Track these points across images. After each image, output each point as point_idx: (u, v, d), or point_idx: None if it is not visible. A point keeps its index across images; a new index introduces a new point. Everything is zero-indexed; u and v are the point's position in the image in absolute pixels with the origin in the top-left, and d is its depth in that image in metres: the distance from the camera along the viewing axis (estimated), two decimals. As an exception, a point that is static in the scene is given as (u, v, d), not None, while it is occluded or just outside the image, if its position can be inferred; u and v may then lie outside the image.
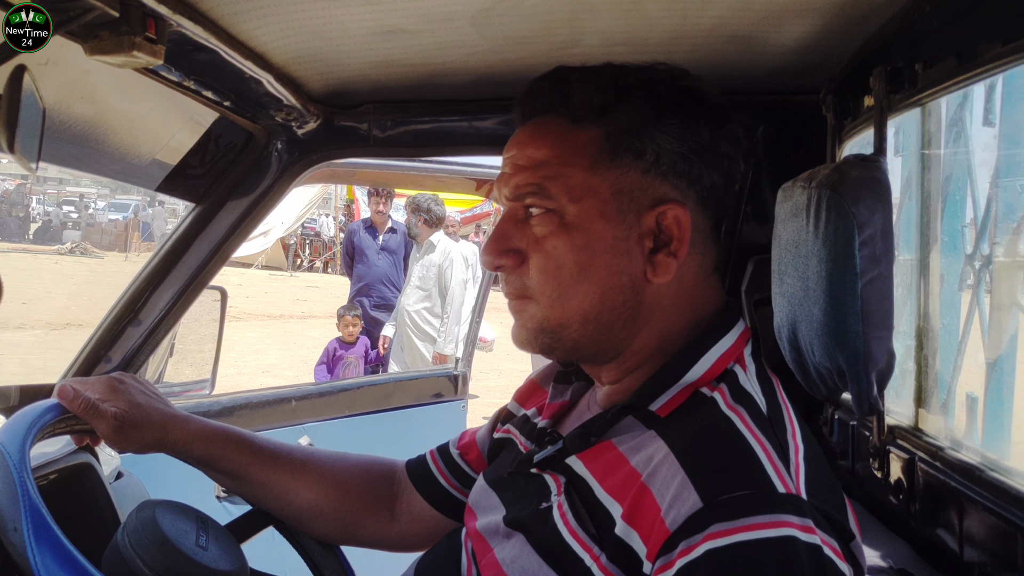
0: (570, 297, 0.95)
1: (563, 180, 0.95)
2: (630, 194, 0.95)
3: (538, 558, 0.91)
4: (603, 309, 0.95)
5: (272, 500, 1.27)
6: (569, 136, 0.96)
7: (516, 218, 0.99)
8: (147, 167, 1.72)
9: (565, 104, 0.97)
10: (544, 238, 0.96)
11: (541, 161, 0.97)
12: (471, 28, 1.33)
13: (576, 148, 0.96)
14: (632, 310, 0.96)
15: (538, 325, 0.98)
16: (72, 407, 1.14)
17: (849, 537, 0.85)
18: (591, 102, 0.96)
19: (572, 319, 0.96)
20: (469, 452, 1.28)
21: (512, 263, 0.98)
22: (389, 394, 2.97)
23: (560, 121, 0.98)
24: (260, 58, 1.40)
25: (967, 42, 1.06)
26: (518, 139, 1.01)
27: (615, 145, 0.95)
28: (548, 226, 0.96)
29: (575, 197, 0.95)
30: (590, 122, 0.96)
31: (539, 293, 0.97)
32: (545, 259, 0.96)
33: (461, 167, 3.04)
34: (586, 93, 0.96)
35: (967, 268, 1.51)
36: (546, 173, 0.96)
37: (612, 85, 0.97)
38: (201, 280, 1.80)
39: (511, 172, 0.99)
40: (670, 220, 0.95)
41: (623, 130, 0.95)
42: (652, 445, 0.89)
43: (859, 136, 1.49)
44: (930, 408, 1.39)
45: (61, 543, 0.93)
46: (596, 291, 0.95)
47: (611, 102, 0.96)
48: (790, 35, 1.36)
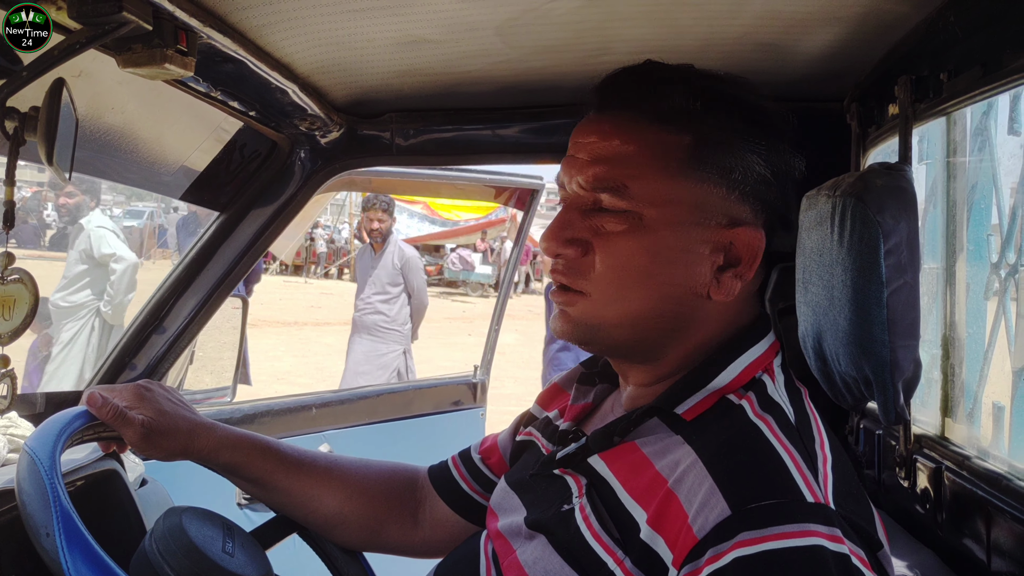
0: (627, 299, 0.94)
1: (646, 182, 0.93)
2: (709, 209, 0.94)
3: (560, 560, 0.91)
4: (653, 315, 0.95)
5: (297, 507, 1.28)
6: (658, 138, 0.94)
7: (583, 207, 0.96)
8: (172, 176, 1.74)
9: (658, 103, 0.95)
10: (614, 235, 0.94)
11: (625, 157, 0.94)
12: (497, 37, 1.33)
13: (664, 152, 0.94)
14: (680, 321, 0.96)
15: (585, 319, 0.96)
16: (100, 414, 1.15)
17: (877, 547, 0.84)
18: (686, 108, 0.94)
19: (622, 320, 0.95)
20: (490, 456, 1.28)
21: (575, 253, 0.96)
22: (409, 401, 2.98)
23: (648, 120, 0.95)
24: (286, 68, 1.42)
25: (993, 51, 1.05)
26: (599, 127, 0.97)
27: (703, 156, 0.94)
28: (621, 224, 0.94)
29: (655, 201, 0.93)
30: (681, 127, 0.94)
31: (596, 289, 0.95)
32: (612, 257, 0.94)
33: (480, 175, 3.05)
34: (683, 97, 0.94)
35: (992, 276, 1.51)
36: (629, 171, 0.93)
37: (707, 93, 0.95)
38: (225, 288, 1.81)
39: (589, 159, 0.96)
40: (743, 242, 0.95)
41: (714, 142, 0.94)
42: (678, 450, 0.89)
43: (883, 144, 1.49)
44: (956, 417, 1.39)
45: (92, 548, 0.94)
46: (653, 297, 0.94)
47: (706, 111, 0.94)
48: (815, 43, 1.36)
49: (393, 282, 5.50)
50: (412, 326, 5.61)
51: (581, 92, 1.59)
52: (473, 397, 3.19)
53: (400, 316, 5.49)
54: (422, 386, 3.09)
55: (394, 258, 5.52)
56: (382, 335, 5.46)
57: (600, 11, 1.24)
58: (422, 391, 3.08)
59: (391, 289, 5.49)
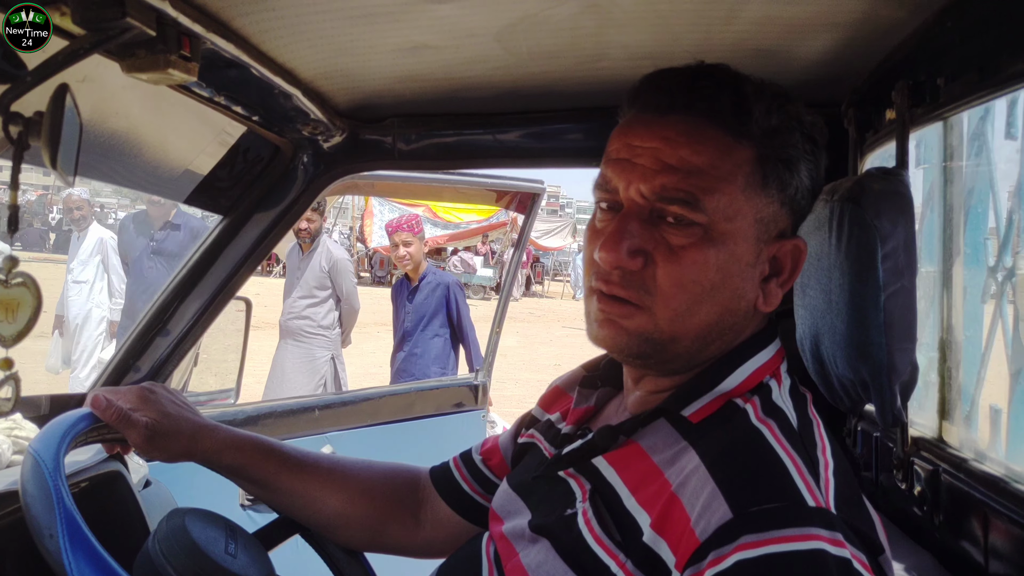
0: (695, 313, 0.92)
1: (718, 196, 0.90)
2: (767, 223, 0.94)
3: (563, 564, 0.92)
4: (715, 329, 0.94)
5: (300, 508, 1.28)
6: (730, 150, 0.91)
7: (643, 217, 0.93)
8: (176, 180, 1.75)
9: (735, 115, 0.92)
10: (683, 248, 0.91)
11: (697, 168, 0.91)
12: (496, 43, 1.34)
13: (735, 165, 0.91)
14: (736, 334, 0.96)
15: (644, 333, 0.93)
16: (104, 416, 1.15)
17: (878, 551, 0.85)
18: (765, 123, 0.92)
19: (687, 335, 0.93)
20: (492, 458, 1.28)
21: (636, 265, 0.92)
22: (411, 404, 2.99)
23: (721, 130, 0.92)
24: (289, 74, 1.42)
25: (990, 56, 1.06)
26: (663, 132, 0.93)
27: (767, 171, 0.93)
28: (690, 238, 0.91)
29: (727, 216, 0.91)
30: (751, 140, 0.92)
31: (661, 303, 0.92)
32: (681, 270, 0.91)
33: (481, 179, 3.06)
34: (764, 113, 0.92)
35: (989, 280, 1.51)
36: (701, 184, 0.90)
37: (781, 109, 0.93)
38: (228, 291, 1.82)
39: (655, 168, 0.92)
40: (787, 252, 0.95)
41: (779, 159, 0.93)
42: (684, 456, 0.89)
43: (880, 149, 1.49)
44: (954, 420, 1.39)
45: (96, 550, 0.95)
46: (718, 311, 0.93)
47: (780, 128, 0.93)
48: (812, 49, 1.37)
49: (320, 285, 5.15)
50: (342, 331, 5.30)
51: (582, 96, 1.62)
52: (475, 399, 3.19)
53: (327, 320, 5.18)
54: (424, 388, 3.10)
55: (322, 260, 5.13)
56: (308, 340, 5.15)
57: (596, 17, 1.25)
58: (424, 393, 3.08)
59: (318, 293, 5.15)
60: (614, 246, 0.91)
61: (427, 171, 2.73)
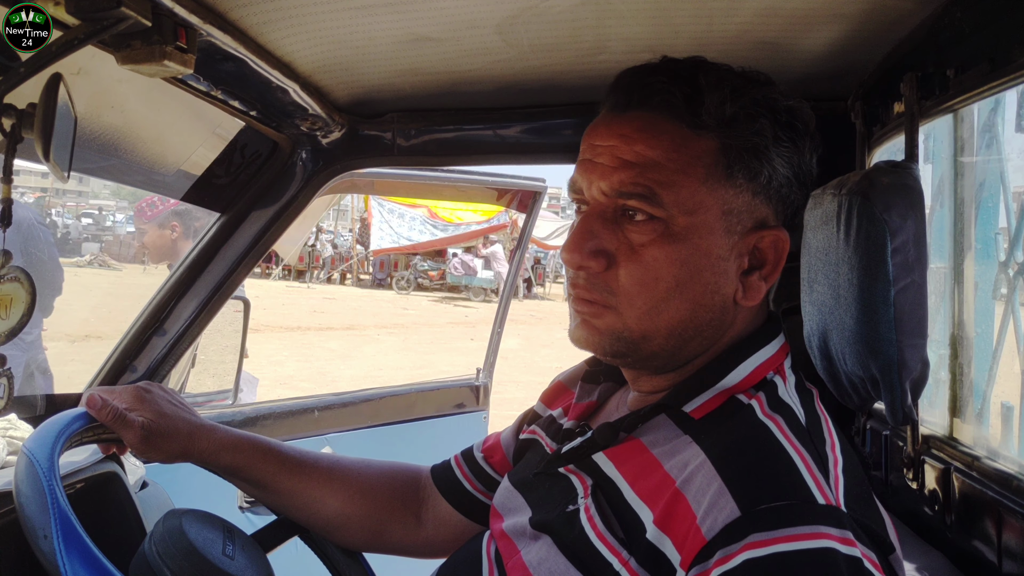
0: (662, 311, 0.91)
1: (677, 189, 0.89)
2: (738, 214, 0.92)
3: (565, 561, 0.90)
4: (690, 325, 0.93)
5: (299, 509, 1.27)
6: (687, 142, 0.90)
7: (606, 216, 0.92)
8: (173, 177, 1.73)
9: (688, 107, 0.91)
10: (643, 246, 0.90)
11: (653, 162, 0.90)
12: (496, 35, 1.33)
13: (693, 157, 0.90)
14: (712, 328, 0.94)
15: (615, 332, 0.93)
16: (100, 416, 1.14)
17: (889, 550, 0.83)
18: (720, 113, 0.91)
19: (658, 332, 0.92)
20: (493, 455, 1.27)
21: (599, 266, 0.92)
22: (411, 404, 2.97)
23: (677, 123, 0.91)
24: (287, 67, 1.41)
25: (1000, 47, 1.04)
26: (620, 129, 0.93)
27: (731, 161, 0.91)
28: (650, 234, 0.90)
29: (687, 209, 0.90)
30: (710, 131, 0.91)
31: (626, 303, 0.91)
32: (642, 269, 0.90)
33: (482, 177, 3.04)
34: (718, 103, 0.90)
35: (1001, 276, 1.49)
36: (658, 177, 0.90)
37: (740, 97, 0.91)
38: (226, 290, 1.81)
39: (612, 165, 0.92)
40: (768, 244, 0.93)
41: (743, 148, 0.91)
42: (687, 450, 0.88)
43: (889, 143, 1.48)
44: (965, 417, 1.37)
45: (90, 551, 0.94)
46: (688, 307, 0.92)
47: (739, 116, 0.91)
48: (817, 41, 1.35)
49: None
50: None
51: (582, 91, 1.60)
52: (476, 400, 3.18)
53: None
54: (425, 389, 3.08)
55: None
56: None
57: (597, 9, 1.24)
58: (425, 394, 3.06)
59: None
60: (575, 247, 0.92)
61: (427, 167, 2.71)
